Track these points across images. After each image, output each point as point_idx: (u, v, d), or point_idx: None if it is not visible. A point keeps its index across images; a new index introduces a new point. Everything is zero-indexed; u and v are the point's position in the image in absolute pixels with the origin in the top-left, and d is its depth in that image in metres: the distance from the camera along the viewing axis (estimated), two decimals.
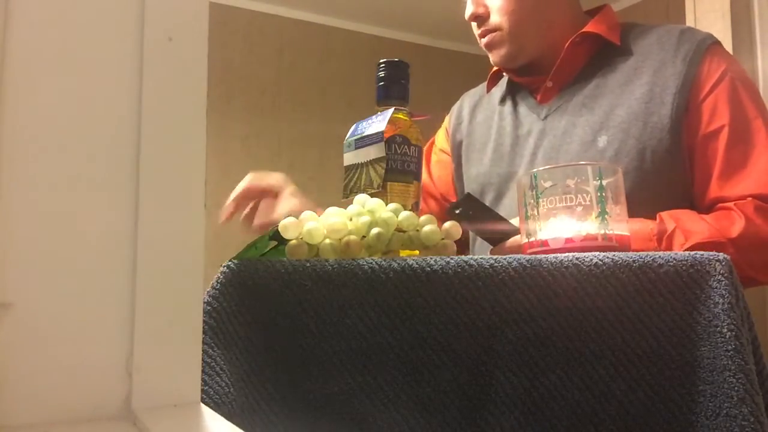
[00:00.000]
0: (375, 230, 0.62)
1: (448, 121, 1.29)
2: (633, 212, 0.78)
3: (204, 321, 0.53)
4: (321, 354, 0.56)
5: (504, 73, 1.18)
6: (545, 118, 1.08)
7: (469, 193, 1.00)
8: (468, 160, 1.20)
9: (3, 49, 0.38)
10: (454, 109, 1.30)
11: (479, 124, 1.21)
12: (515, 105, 1.16)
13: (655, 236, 0.85)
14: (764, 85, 2.05)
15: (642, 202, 0.87)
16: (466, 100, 1.29)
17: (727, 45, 1.98)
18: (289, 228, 0.62)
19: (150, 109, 0.41)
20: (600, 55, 1.07)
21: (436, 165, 1.28)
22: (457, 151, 1.24)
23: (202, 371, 0.46)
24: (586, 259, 0.57)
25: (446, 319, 0.56)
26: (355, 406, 0.55)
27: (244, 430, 0.37)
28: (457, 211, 0.77)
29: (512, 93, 1.17)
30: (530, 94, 1.14)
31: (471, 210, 0.85)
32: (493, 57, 1.11)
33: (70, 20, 0.40)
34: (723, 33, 2.05)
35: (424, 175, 1.27)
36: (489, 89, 1.23)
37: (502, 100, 1.18)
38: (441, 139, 1.29)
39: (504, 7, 1.06)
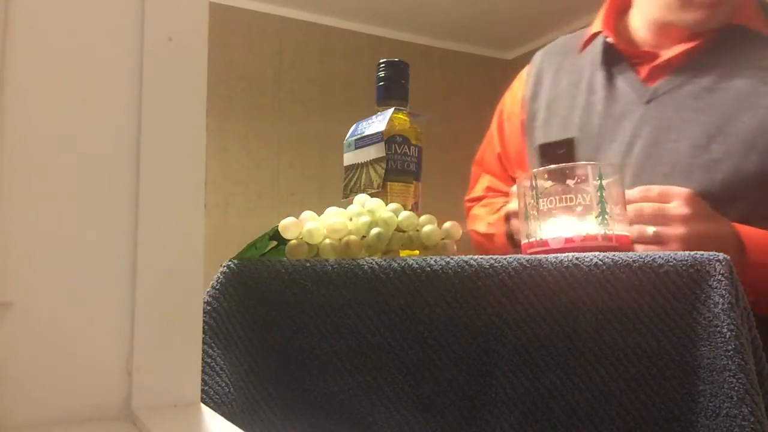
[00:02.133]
0: (375, 230, 0.62)
1: (524, 86, 1.08)
2: None
3: (204, 321, 0.53)
4: (321, 354, 0.56)
5: (606, 36, 0.97)
6: (649, 102, 0.90)
7: (573, 138, 0.84)
8: (548, 135, 1.00)
9: (3, 48, 0.38)
10: (531, 70, 1.08)
11: (563, 93, 1.00)
12: (611, 77, 0.95)
13: None
14: None
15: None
16: (547, 61, 1.07)
17: None
18: (289, 228, 0.62)
19: (150, 109, 0.41)
20: (729, 40, 0.88)
21: (510, 138, 1.08)
22: (531, 123, 1.03)
23: (202, 371, 0.46)
24: (586, 259, 0.57)
25: (446, 319, 0.56)
26: (355, 406, 0.55)
27: (244, 430, 0.37)
28: (560, 152, 0.71)
29: (609, 62, 0.96)
30: (632, 68, 0.94)
31: (569, 157, 0.77)
32: (703, 13, 0.88)
33: (70, 20, 0.40)
34: None
35: (498, 149, 1.10)
36: (583, 49, 1.01)
37: (595, 66, 0.98)
38: (515, 107, 1.09)
39: None
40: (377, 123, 0.73)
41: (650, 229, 0.74)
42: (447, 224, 0.67)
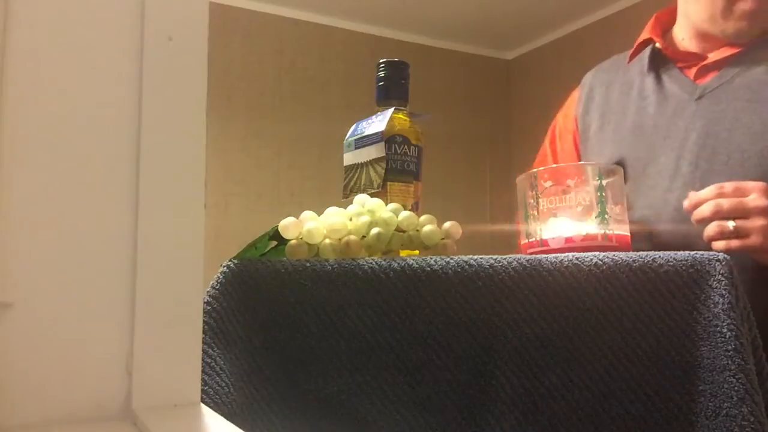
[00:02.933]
0: (375, 230, 0.62)
1: (576, 105, 1.10)
2: None
3: (204, 321, 0.53)
4: (321, 354, 0.56)
5: (655, 42, 1.01)
6: (700, 98, 0.92)
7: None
8: (600, 143, 1.01)
9: (3, 49, 0.38)
10: (583, 88, 1.10)
11: (615, 102, 1.02)
12: (659, 81, 0.98)
13: None
14: None
15: None
16: (597, 78, 1.09)
17: None
18: (289, 228, 0.62)
19: (150, 109, 0.41)
20: None
21: (564, 155, 1.10)
22: (585, 134, 1.05)
23: (202, 371, 0.46)
24: (586, 259, 0.57)
25: (446, 319, 0.56)
26: (355, 406, 0.55)
27: (244, 430, 0.37)
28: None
29: (656, 67, 1.00)
30: (680, 70, 0.97)
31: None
32: (744, 23, 0.91)
33: (70, 20, 0.40)
34: None
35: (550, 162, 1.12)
36: (631, 59, 1.05)
37: (643, 74, 1.01)
38: (568, 124, 1.10)
39: None
40: (377, 123, 0.73)
41: (730, 224, 0.75)
42: (447, 224, 0.67)
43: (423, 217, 0.66)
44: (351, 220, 0.64)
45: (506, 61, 4.17)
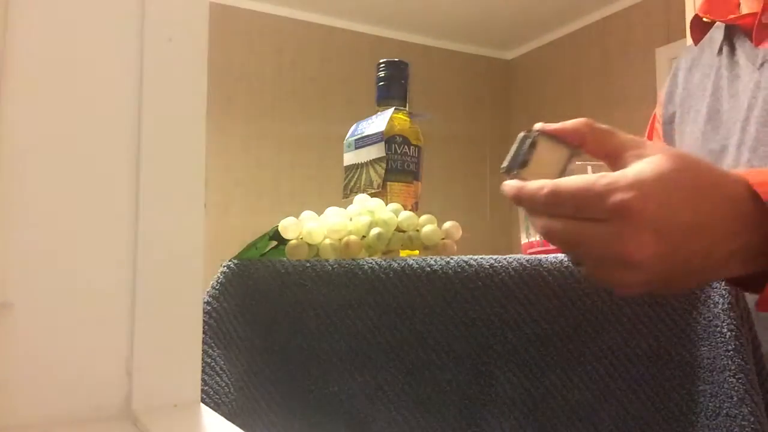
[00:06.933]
0: (375, 230, 0.62)
1: (662, 93, 0.98)
2: None
3: (204, 321, 0.53)
4: (321, 354, 0.56)
5: (703, 16, 0.88)
6: (762, 65, 0.77)
7: None
8: (681, 134, 0.88)
9: (2, 49, 0.38)
10: (672, 70, 0.97)
11: (695, 87, 0.89)
12: (733, 54, 0.83)
13: None
14: None
15: None
16: (682, 61, 0.95)
17: None
18: (289, 228, 0.62)
19: (150, 109, 0.41)
20: None
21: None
22: (669, 126, 0.92)
23: (202, 371, 0.46)
24: None
25: (446, 319, 0.56)
26: (355, 406, 0.55)
27: (244, 430, 0.37)
28: None
29: (730, 38, 0.84)
30: (747, 37, 0.82)
31: None
32: None
33: (70, 20, 0.40)
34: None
35: None
36: (696, 40, 0.90)
37: (720, 51, 0.85)
38: (658, 116, 0.98)
39: None
40: (377, 123, 0.73)
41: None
42: (447, 224, 0.67)
43: (423, 217, 0.66)
44: (351, 220, 0.64)
45: (506, 61, 4.17)
